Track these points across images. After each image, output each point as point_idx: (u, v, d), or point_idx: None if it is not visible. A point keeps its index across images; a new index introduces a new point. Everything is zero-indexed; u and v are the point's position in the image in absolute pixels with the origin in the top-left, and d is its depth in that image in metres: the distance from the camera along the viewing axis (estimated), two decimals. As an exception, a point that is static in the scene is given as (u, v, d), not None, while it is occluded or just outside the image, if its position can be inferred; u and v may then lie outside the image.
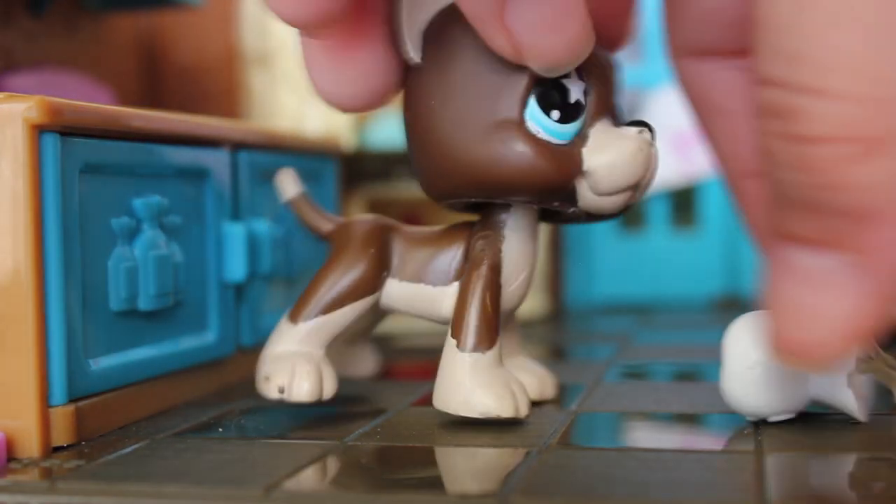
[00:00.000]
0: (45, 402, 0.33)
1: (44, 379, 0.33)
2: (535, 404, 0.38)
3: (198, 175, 0.42)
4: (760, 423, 0.35)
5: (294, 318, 0.38)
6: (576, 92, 0.34)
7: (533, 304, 0.64)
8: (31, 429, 0.33)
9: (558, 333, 0.59)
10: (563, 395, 0.42)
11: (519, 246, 0.37)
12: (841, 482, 0.29)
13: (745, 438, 0.33)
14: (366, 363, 0.44)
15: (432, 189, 0.36)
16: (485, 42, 0.33)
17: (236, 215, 0.44)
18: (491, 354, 0.36)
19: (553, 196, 0.35)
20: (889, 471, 0.29)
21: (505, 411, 0.35)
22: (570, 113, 0.34)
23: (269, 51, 0.63)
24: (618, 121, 0.36)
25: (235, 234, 0.43)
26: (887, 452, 0.31)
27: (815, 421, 0.35)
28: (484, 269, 0.36)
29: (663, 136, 0.70)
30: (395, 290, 0.38)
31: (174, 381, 0.41)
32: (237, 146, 0.45)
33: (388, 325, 0.43)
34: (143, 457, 0.33)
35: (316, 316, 0.38)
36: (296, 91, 0.62)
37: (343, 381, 0.40)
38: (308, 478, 0.30)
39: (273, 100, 0.63)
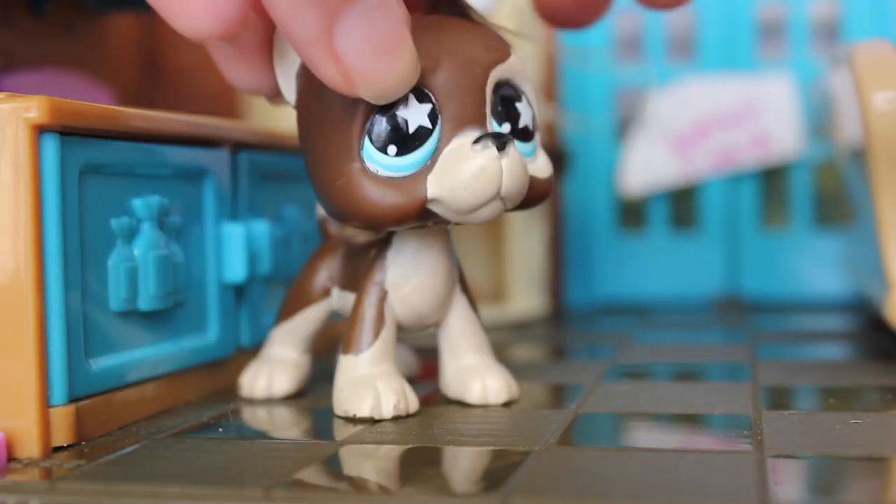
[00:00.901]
0: (46, 402, 0.33)
1: (44, 379, 0.33)
2: (505, 405, 0.39)
3: (198, 175, 0.42)
4: (760, 424, 0.35)
5: (275, 323, 0.43)
6: (416, 119, 0.35)
7: (533, 305, 0.64)
8: (31, 429, 0.33)
9: (558, 333, 0.59)
10: (562, 395, 0.42)
11: (411, 251, 0.38)
12: (840, 482, 0.29)
13: (744, 438, 0.33)
14: (403, 365, 0.44)
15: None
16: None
17: (236, 215, 0.44)
18: (361, 357, 0.38)
19: (413, 223, 0.36)
20: (888, 471, 0.29)
21: (361, 411, 0.37)
22: (408, 144, 0.35)
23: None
24: (512, 123, 0.36)
25: (235, 234, 0.43)
26: (886, 452, 0.31)
27: (814, 421, 0.35)
28: (368, 277, 0.39)
29: (663, 136, 0.70)
30: (336, 298, 0.42)
31: (174, 381, 0.41)
32: (237, 146, 0.45)
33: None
34: (142, 457, 0.33)
35: (280, 322, 0.43)
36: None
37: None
38: (308, 478, 0.30)
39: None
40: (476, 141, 0.34)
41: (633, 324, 0.61)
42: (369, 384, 0.37)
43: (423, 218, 0.35)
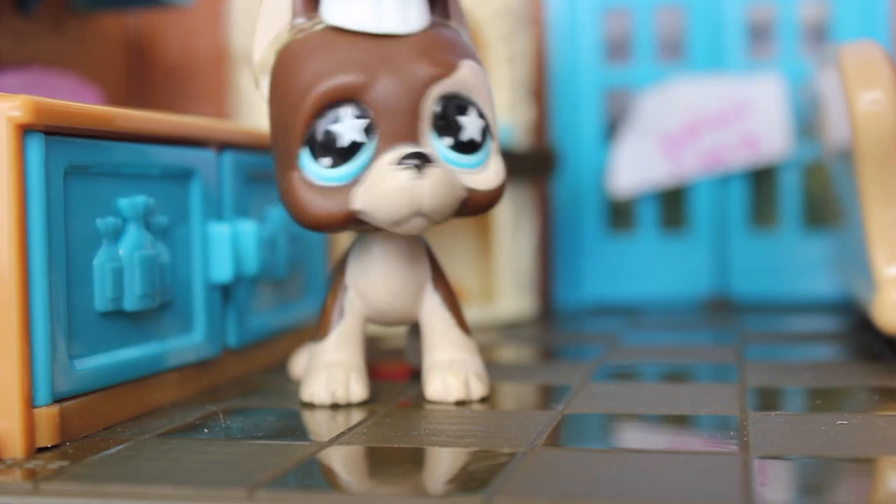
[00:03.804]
0: (30, 402, 0.33)
1: (28, 379, 0.33)
2: (461, 404, 0.40)
3: (184, 175, 0.42)
4: (747, 425, 0.35)
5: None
6: (351, 134, 0.37)
7: (521, 305, 0.64)
8: (15, 429, 0.33)
9: (547, 334, 0.59)
10: (550, 395, 0.42)
11: (369, 251, 0.40)
12: (826, 483, 0.29)
13: (731, 439, 0.33)
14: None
15: None
16: (282, 90, 0.38)
17: (222, 215, 0.44)
18: (321, 345, 0.41)
19: (344, 229, 0.38)
20: (875, 471, 0.29)
21: (316, 397, 0.40)
22: (341, 156, 0.37)
23: (258, 51, 0.63)
24: (450, 138, 0.38)
25: (221, 234, 0.43)
26: (872, 453, 0.31)
27: (801, 422, 0.35)
28: (336, 273, 0.41)
29: (652, 136, 0.70)
30: None
31: (160, 382, 0.40)
32: (223, 146, 0.45)
33: (373, 327, 0.43)
34: (127, 458, 0.33)
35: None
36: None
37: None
38: (292, 479, 0.30)
39: (262, 99, 0.63)
40: (399, 161, 0.36)
41: (621, 324, 0.61)
42: (318, 372, 0.40)
43: (355, 225, 0.38)
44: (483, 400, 0.40)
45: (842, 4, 0.69)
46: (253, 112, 0.63)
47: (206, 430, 0.36)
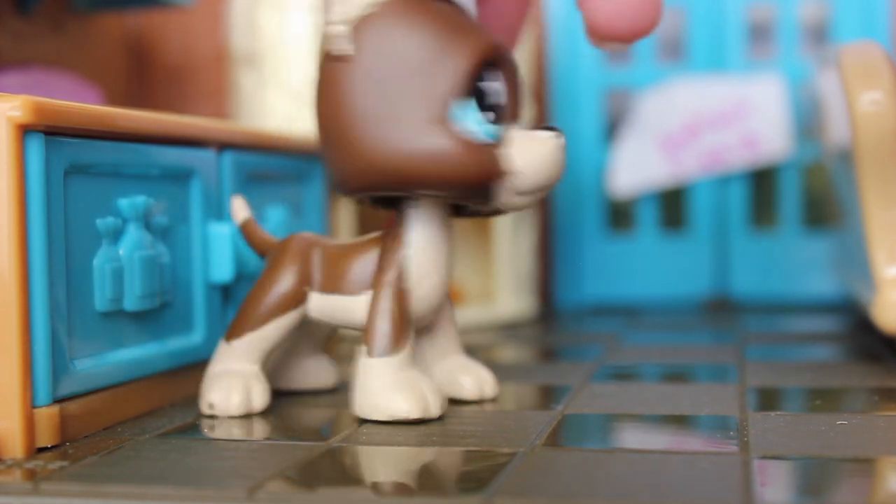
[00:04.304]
0: (30, 402, 0.33)
1: (28, 380, 0.33)
2: (474, 403, 0.39)
3: (184, 175, 0.42)
4: (747, 425, 0.35)
5: (228, 337, 0.40)
6: (499, 94, 0.37)
7: (522, 306, 0.64)
8: (15, 429, 0.33)
9: (547, 334, 0.59)
10: (550, 396, 0.42)
11: (425, 252, 0.38)
12: (826, 483, 0.29)
13: (731, 439, 0.33)
14: (324, 375, 0.43)
15: (348, 182, 0.37)
16: (416, 40, 0.36)
17: (222, 215, 0.44)
18: (398, 358, 0.37)
19: (475, 193, 0.36)
20: (874, 472, 0.29)
21: (412, 412, 0.36)
22: (497, 114, 0.37)
23: (258, 51, 0.63)
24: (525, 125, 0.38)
25: (222, 234, 0.43)
26: (872, 453, 0.31)
27: (801, 422, 0.35)
28: (389, 276, 0.38)
29: (652, 137, 0.70)
30: (316, 302, 0.39)
31: (160, 382, 0.40)
32: (223, 146, 0.45)
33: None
34: (127, 458, 0.33)
35: (245, 333, 0.40)
36: (285, 91, 0.62)
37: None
38: (292, 480, 0.30)
39: (262, 100, 0.63)
40: (554, 130, 0.37)
41: (621, 325, 0.61)
42: (414, 386, 0.37)
43: (485, 190, 0.36)
44: (483, 400, 0.40)
45: (842, 4, 0.69)
46: (253, 112, 0.63)
47: (206, 431, 0.36)
